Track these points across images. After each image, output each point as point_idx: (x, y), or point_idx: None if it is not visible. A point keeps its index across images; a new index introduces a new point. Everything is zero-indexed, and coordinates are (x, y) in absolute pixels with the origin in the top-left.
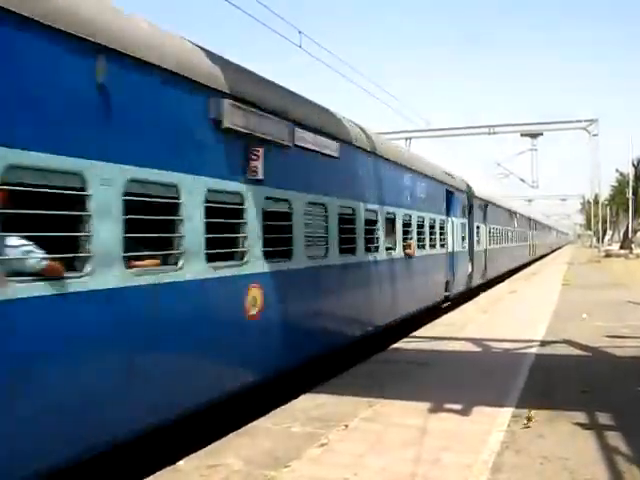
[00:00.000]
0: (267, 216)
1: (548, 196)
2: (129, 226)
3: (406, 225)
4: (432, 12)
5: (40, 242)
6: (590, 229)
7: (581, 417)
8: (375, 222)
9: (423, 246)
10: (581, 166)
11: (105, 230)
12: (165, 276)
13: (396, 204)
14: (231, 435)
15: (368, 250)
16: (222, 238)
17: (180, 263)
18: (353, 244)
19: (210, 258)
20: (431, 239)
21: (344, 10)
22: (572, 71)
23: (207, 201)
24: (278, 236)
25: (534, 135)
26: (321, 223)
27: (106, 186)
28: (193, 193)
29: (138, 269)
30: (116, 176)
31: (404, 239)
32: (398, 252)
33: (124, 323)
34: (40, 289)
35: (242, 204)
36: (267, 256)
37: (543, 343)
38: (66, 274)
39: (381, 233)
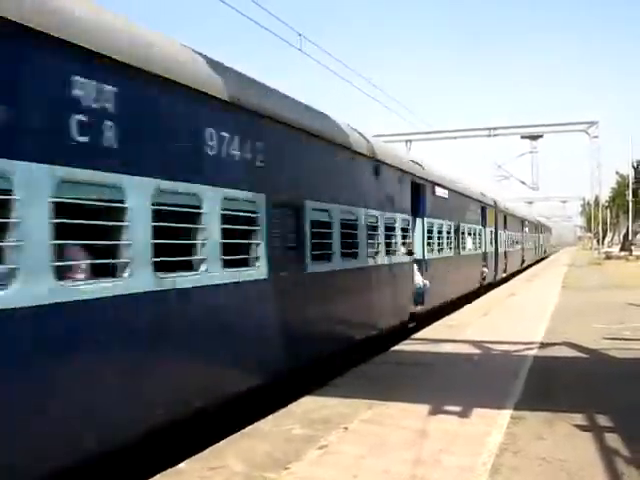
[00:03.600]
0: None
1: (548, 198)
2: None
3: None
4: (432, 12)
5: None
6: (590, 231)
7: (580, 419)
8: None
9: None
10: (581, 168)
11: None
12: None
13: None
14: (232, 437)
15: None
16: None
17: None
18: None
19: None
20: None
21: (344, 11)
22: (572, 72)
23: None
24: None
25: (534, 137)
26: None
27: None
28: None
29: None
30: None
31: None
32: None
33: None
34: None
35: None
36: None
37: (543, 345)
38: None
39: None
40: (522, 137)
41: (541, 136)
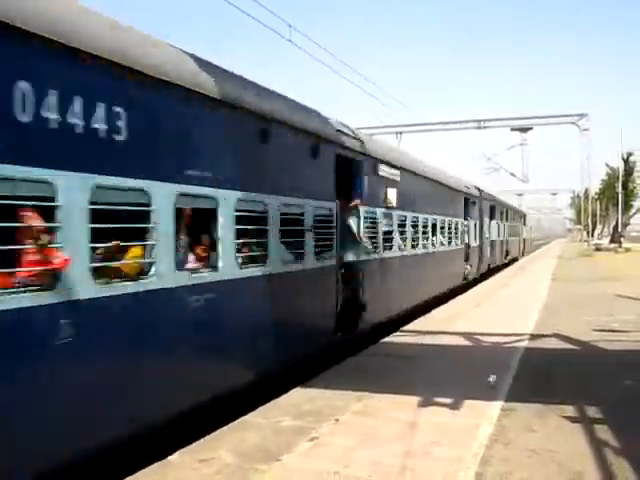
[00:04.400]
0: None
1: (538, 190)
2: None
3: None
4: (426, 8)
5: None
6: (580, 223)
7: (570, 411)
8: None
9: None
10: (571, 160)
11: None
12: None
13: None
14: (222, 429)
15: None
16: None
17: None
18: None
19: None
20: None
21: (338, 7)
22: (566, 68)
23: None
24: None
25: (524, 129)
26: None
27: None
28: None
29: None
30: None
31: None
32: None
33: None
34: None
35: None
36: None
37: (533, 337)
38: None
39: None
40: (512, 129)
41: (531, 128)
